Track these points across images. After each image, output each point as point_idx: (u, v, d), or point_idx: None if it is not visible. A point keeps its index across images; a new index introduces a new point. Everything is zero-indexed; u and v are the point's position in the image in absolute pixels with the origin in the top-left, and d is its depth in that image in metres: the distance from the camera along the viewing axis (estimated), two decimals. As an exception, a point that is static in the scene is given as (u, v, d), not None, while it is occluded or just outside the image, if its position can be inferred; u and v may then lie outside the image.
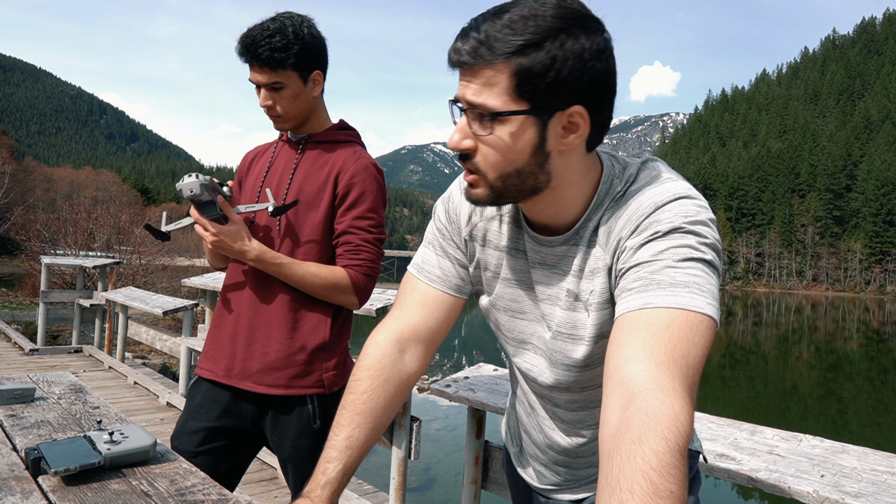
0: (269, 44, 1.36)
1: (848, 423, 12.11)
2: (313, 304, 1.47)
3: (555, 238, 0.85)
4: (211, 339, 1.54)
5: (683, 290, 0.68)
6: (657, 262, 0.71)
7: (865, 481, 1.25)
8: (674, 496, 0.53)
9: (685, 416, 0.59)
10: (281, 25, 1.38)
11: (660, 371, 0.62)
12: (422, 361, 0.93)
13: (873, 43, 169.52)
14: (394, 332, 0.92)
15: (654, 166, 0.83)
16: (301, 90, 1.45)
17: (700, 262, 0.71)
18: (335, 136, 1.54)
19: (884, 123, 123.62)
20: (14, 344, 6.99)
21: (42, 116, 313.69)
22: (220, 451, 1.45)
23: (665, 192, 0.76)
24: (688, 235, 0.72)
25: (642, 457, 0.55)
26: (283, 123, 1.49)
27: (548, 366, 0.91)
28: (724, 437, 1.52)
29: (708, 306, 0.67)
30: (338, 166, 1.47)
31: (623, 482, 0.54)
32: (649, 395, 0.60)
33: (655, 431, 0.57)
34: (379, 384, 0.88)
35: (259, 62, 1.39)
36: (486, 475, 2.01)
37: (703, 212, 0.75)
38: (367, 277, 1.48)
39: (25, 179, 49.26)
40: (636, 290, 0.70)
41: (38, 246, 15.60)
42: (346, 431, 0.85)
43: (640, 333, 0.66)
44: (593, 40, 0.71)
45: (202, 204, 1.41)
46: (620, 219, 0.78)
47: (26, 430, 1.06)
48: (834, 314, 52.23)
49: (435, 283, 0.95)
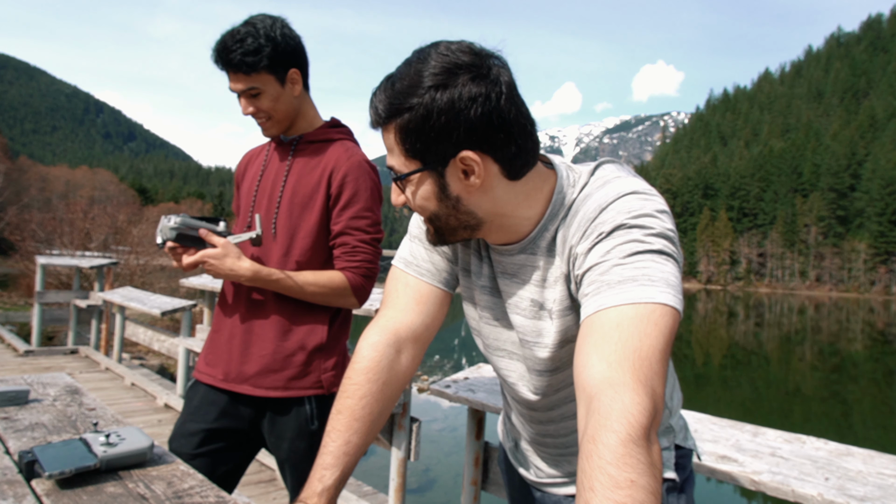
0: (240, 48, 1.36)
1: (853, 425, 12.06)
2: (310, 305, 1.46)
3: (512, 247, 0.87)
4: (209, 343, 1.54)
5: (632, 284, 0.70)
6: (605, 263, 0.73)
7: (871, 485, 1.24)
8: (635, 485, 0.55)
9: (636, 406, 0.60)
10: (252, 29, 1.37)
11: (611, 370, 0.64)
12: (417, 360, 0.94)
13: (879, 40, 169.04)
14: (389, 332, 0.91)
15: (604, 168, 0.85)
16: (280, 92, 1.44)
17: (648, 252, 0.72)
18: (326, 134, 1.52)
19: (889, 122, 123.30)
20: (8, 345, 6.96)
21: (37, 115, 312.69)
22: (219, 452, 1.44)
23: (609, 192, 0.79)
24: (632, 230, 0.74)
25: (597, 454, 0.57)
26: (271, 128, 1.48)
27: (525, 371, 0.93)
28: (726, 438, 1.51)
29: (660, 294, 0.69)
30: (330, 165, 1.46)
31: (585, 481, 0.57)
32: (601, 395, 0.63)
33: (605, 427, 0.59)
34: (377, 388, 0.87)
35: (232, 68, 1.38)
36: (485, 476, 2.00)
37: (648, 204, 0.76)
38: (365, 278, 1.47)
39: (20, 178, 49.14)
40: (590, 294, 0.73)
41: (34, 246, 15.54)
42: (344, 437, 0.84)
43: (592, 338, 0.68)
44: (465, 90, 0.73)
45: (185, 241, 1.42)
46: (572, 227, 0.81)
47: (20, 433, 1.05)
48: (838, 315, 52.15)
49: (426, 278, 0.95)
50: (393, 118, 0.76)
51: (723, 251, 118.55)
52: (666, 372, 0.67)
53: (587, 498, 0.55)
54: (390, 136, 0.77)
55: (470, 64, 0.74)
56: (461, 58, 0.75)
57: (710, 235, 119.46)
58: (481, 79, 0.74)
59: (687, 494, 0.97)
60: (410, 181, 0.80)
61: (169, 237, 1.40)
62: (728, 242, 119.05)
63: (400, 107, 0.74)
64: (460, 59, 0.74)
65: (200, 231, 1.42)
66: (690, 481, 1.00)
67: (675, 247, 0.74)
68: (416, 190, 0.80)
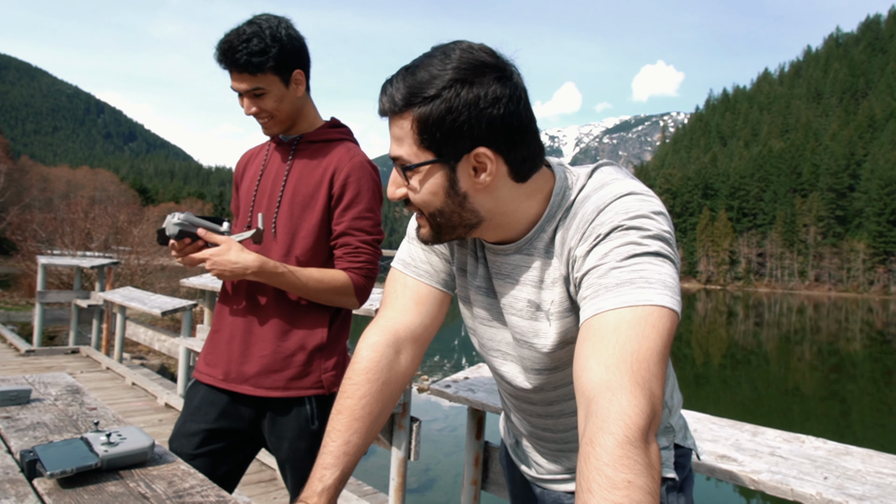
0: (246, 48, 1.35)
1: (851, 424, 12.07)
2: (310, 304, 1.46)
3: (508, 246, 0.87)
4: (209, 343, 1.54)
5: (629, 287, 0.70)
6: (603, 266, 0.73)
7: (870, 484, 1.24)
8: (632, 485, 0.55)
9: (633, 409, 0.61)
10: (258, 29, 1.36)
11: (608, 373, 0.65)
12: (416, 361, 0.94)
13: (878, 41, 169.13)
14: (389, 333, 0.92)
15: (603, 170, 0.85)
16: (284, 93, 1.43)
17: (645, 255, 0.72)
18: (327, 134, 1.52)
19: (888, 122, 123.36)
20: (10, 345, 6.97)
21: (38, 115, 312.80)
22: (219, 452, 1.44)
23: (607, 194, 0.79)
24: (629, 232, 0.74)
25: (594, 456, 0.58)
26: (272, 128, 1.48)
27: (520, 370, 0.93)
28: (725, 438, 1.51)
29: (657, 296, 0.69)
30: (332, 166, 1.46)
31: (583, 483, 0.57)
32: (599, 398, 0.63)
33: (602, 429, 0.60)
34: (377, 388, 0.88)
35: (238, 68, 1.37)
36: (485, 476, 2.00)
37: (646, 205, 0.76)
38: (366, 279, 1.47)
39: (21, 179, 49.19)
40: (588, 297, 0.73)
41: (35, 246, 15.57)
42: (344, 437, 0.85)
43: (591, 341, 0.69)
44: (491, 89, 0.75)
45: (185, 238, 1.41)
46: (571, 229, 0.81)
47: (21, 433, 1.06)
48: (837, 315, 52.14)
49: (424, 279, 0.96)
50: (411, 107, 0.75)
51: (722, 251, 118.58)
52: (664, 374, 0.67)
53: (585, 499, 0.56)
54: (404, 124, 0.77)
55: (494, 65, 0.76)
56: (486, 58, 0.76)
57: (710, 235, 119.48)
58: (506, 80, 0.76)
59: (686, 493, 0.97)
60: (419, 172, 0.79)
61: (172, 233, 1.38)
62: (727, 242, 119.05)
63: (422, 96, 0.74)
64: (486, 60, 0.76)
65: (199, 230, 1.41)
66: (690, 480, 1.00)
67: (671, 248, 0.74)
68: (423, 182, 0.80)
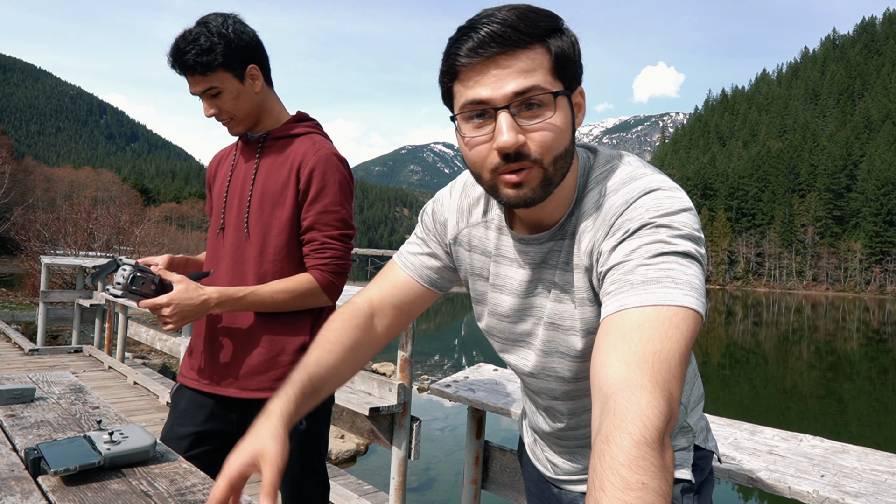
0: (193, 48, 1.34)
1: (848, 423, 12.10)
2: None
3: (542, 235, 0.85)
4: (192, 347, 1.52)
5: (656, 286, 0.68)
6: (630, 262, 0.71)
7: (866, 481, 1.25)
8: (646, 487, 0.54)
9: (652, 409, 0.59)
10: (203, 28, 1.36)
11: (629, 371, 0.63)
12: (387, 331, 0.99)
13: (873, 43, 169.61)
14: (366, 298, 0.99)
15: (628, 161, 0.83)
16: (240, 89, 1.41)
17: (673, 254, 0.70)
18: (292, 128, 1.50)
19: (884, 123, 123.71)
20: (14, 344, 6.99)
21: (42, 116, 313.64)
22: (209, 455, 1.43)
23: (636, 188, 0.77)
24: (659, 230, 0.72)
25: (610, 454, 0.57)
26: (236, 127, 1.46)
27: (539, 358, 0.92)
28: (724, 436, 1.52)
29: (683, 297, 0.67)
30: (298, 160, 1.44)
31: (596, 481, 0.56)
32: (618, 395, 0.61)
33: (620, 428, 0.58)
34: (350, 326, 0.93)
35: (188, 70, 1.36)
36: (486, 475, 2.01)
37: (676, 202, 0.74)
38: (334, 275, 1.44)
39: (25, 179, 49.40)
40: (612, 293, 0.71)
41: (38, 246, 15.63)
42: (316, 354, 0.88)
43: (612, 337, 0.67)
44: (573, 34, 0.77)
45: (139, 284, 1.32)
46: (597, 220, 0.79)
47: (26, 430, 1.06)
48: (834, 314, 52.21)
49: (407, 270, 1.00)
50: (548, 38, 0.73)
51: (721, 251, 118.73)
52: (684, 376, 0.66)
53: (597, 497, 0.55)
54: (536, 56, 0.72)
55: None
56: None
57: (709, 235, 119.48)
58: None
59: (703, 496, 0.95)
60: (556, 102, 0.74)
61: (124, 280, 1.30)
62: (727, 242, 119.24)
63: (554, 28, 0.74)
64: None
65: (154, 269, 1.34)
66: (708, 483, 0.98)
67: (700, 248, 0.73)
68: (559, 114, 0.74)
